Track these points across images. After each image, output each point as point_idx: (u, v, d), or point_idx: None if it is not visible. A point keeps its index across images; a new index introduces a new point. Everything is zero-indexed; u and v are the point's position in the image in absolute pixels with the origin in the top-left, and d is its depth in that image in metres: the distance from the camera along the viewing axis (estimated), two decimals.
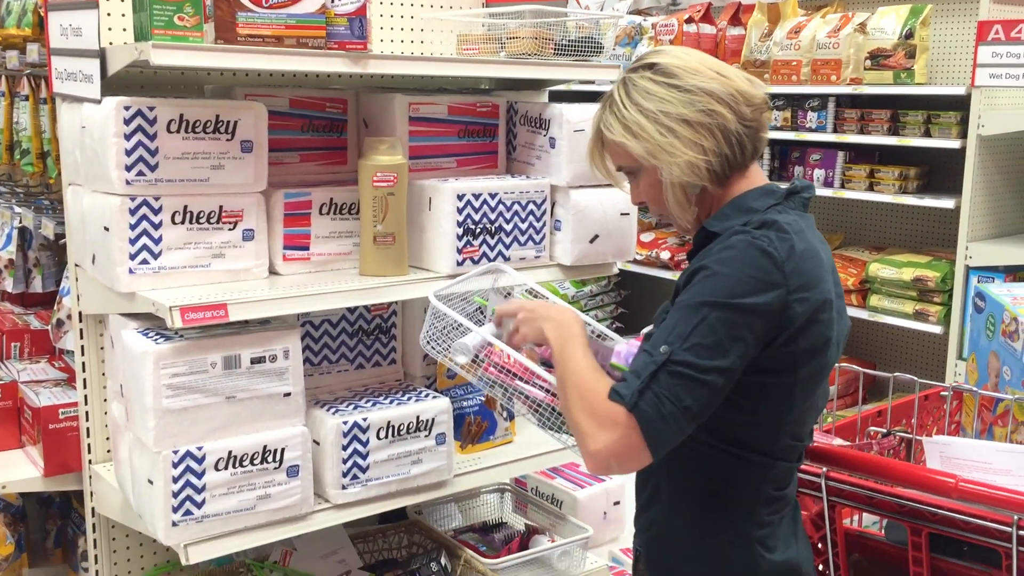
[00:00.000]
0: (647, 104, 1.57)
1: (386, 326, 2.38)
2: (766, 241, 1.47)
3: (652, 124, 1.56)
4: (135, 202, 1.90)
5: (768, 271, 1.45)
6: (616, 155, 1.65)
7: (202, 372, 1.89)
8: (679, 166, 1.55)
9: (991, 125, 3.85)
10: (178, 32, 1.79)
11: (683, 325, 1.44)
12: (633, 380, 1.44)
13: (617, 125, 1.60)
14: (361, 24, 1.96)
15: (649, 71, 1.59)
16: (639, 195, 1.67)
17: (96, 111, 1.91)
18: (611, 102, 1.63)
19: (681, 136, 1.55)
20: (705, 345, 1.42)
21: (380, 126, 2.27)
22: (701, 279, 1.47)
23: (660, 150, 1.56)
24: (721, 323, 1.42)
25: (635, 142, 1.58)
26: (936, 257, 4.26)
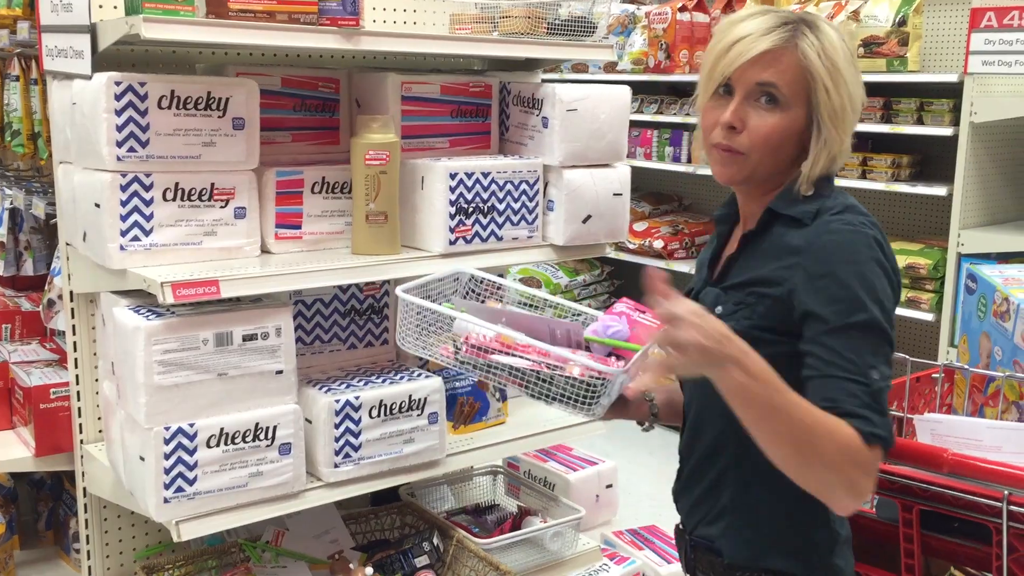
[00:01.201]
0: (852, 69, 1.49)
1: (378, 306, 2.38)
2: (869, 228, 1.46)
3: (848, 89, 1.49)
4: (126, 178, 1.90)
5: (883, 261, 1.45)
6: (784, 74, 1.48)
7: (194, 349, 1.88)
8: (840, 144, 1.50)
9: (984, 112, 3.85)
10: (169, 6, 1.78)
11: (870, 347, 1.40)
12: (878, 418, 1.37)
13: (823, 55, 1.47)
14: (354, 1, 1.95)
15: (846, 44, 1.51)
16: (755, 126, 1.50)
17: (87, 87, 1.90)
18: (815, 31, 1.49)
19: (853, 121, 1.51)
20: (887, 355, 1.43)
21: (373, 105, 2.27)
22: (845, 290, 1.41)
23: (839, 117, 1.49)
24: (887, 332, 1.42)
25: (830, 86, 1.47)
26: (928, 245, 4.27)
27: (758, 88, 1.49)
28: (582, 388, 1.55)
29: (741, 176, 1.54)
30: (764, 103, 1.49)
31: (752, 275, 1.51)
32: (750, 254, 1.55)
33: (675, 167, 5.10)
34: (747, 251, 1.56)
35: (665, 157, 5.15)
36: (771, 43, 1.48)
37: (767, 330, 1.48)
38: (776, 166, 1.53)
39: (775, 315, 1.47)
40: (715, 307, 1.53)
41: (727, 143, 1.52)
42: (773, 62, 1.48)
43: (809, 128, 1.50)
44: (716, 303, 1.54)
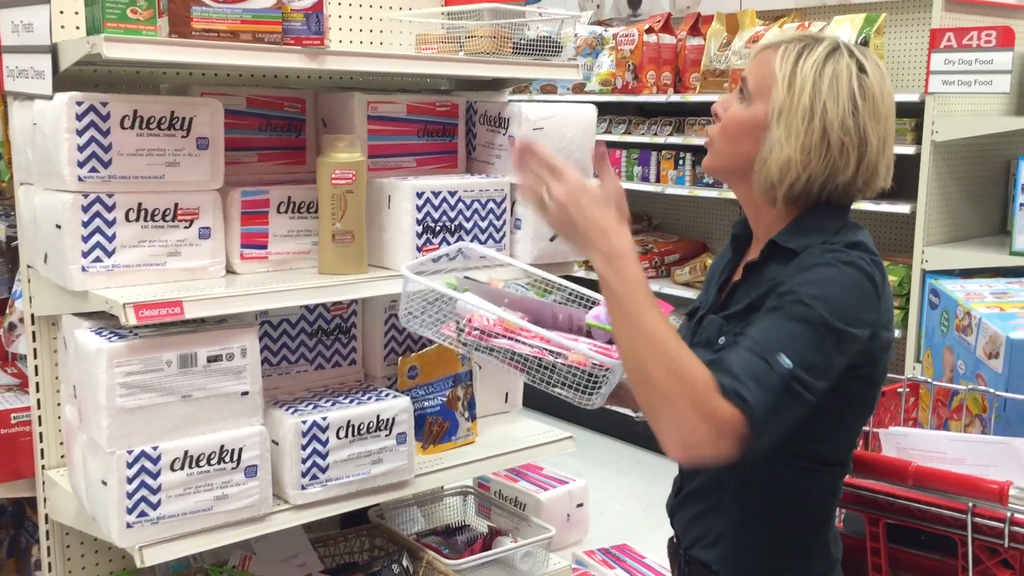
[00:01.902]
0: (825, 86, 1.46)
1: (346, 326, 2.37)
2: (865, 263, 1.43)
3: (809, 100, 1.45)
4: (88, 199, 1.88)
5: (870, 298, 1.41)
6: (755, 71, 1.53)
7: (157, 370, 1.86)
8: (782, 151, 1.46)
9: (945, 131, 3.91)
10: (131, 25, 1.77)
11: (801, 339, 1.33)
12: (759, 388, 1.29)
13: (790, 63, 1.48)
14: (318, 20, 1.95)
15: (856, 69, 1.48)
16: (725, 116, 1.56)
17: (48, 107, 1.89)
18: (810, 46, 1.50)
19: (809, 134, 1.45)
20: (818, 366, 1.34)
21: (339, 125, 2.27)
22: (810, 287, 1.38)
23: (786, 123, 1.46)
24: (831, 346, 1.35)
25: (783, 89, 1.47)
26: (893, 261, 4.31)
27: (741, 82, 1.56)
28: (583, 377, 1.55)
29: (709, 165, 1.60)
30: (739, 96, 1.55)
31: (749, 303, 1.51)
32: (751, 283, 1.55)
33: (644, 187, 5.13)
34: (749, 280, 1.56)
35: (634, 177, 5.18)
36: (766, 42, 1.55)
37: None
38: (734, 161, 1.55)
39: None
40: (718, 337, 1.52)
41: (709, 131, 1.60)
42: (758, 61, 1.54)
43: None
44: (719, 333, 1.53)
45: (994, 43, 3.71)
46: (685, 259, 5.16)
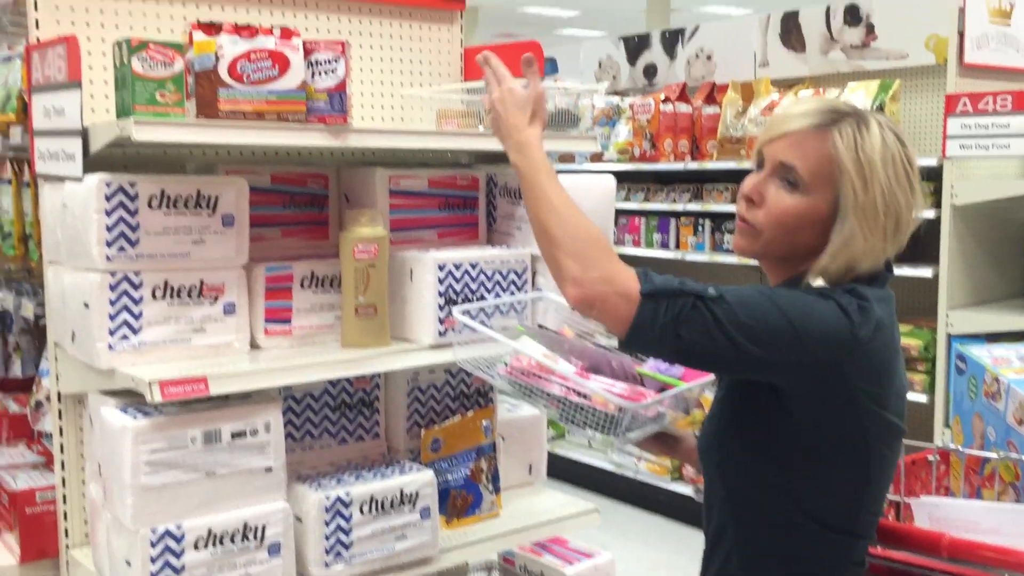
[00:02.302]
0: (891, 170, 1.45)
1: (369, 399, 2.37)
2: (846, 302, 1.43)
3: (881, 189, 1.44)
4: (115, 278, 1.90)
5: (838, 329, 1.40)
6: (805, 158, 1.48)
7: (182, 448, 1.86)
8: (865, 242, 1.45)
9: (964, 195, 3.92)
10: (160, 108, 1.82)
11: (743, 294, 1.40)
12: (665, 279, 1.42)
13: (853, 148, 1.45)
14: (341, 99, 1.99)
15: (900, 145, 1.48)
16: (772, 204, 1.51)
17: (78, 189, 1.93)
18: (859, 125, 1.47)
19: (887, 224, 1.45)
20: (744, 322, 1.37)
21: (361, 200, 2.30)
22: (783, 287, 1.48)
23: (864, 213, 1.45)
24: (773, 322, 1.38)
25: (856, 179, 1.44)
26: (918, 325, 4.28)
27: (780, 167, 1.50)
28: (601, 417, 1.65)
29: (752, 251, 1.55)
30: (785, 183, 1.50)
31: None
32: None
33: (664, 253, 5.14)
34: None
35: (654, 244, 5.20)
36: (802, 125, 1.49)
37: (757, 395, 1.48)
38: (792, 249, 1.52)
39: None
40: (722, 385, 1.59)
41: (746, 214, 1.54)
42: (800, 144, 1.48)
43: (834, 218, 1.48)
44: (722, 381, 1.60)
45: (1010, 107, 3.73)
46: None
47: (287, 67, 1.94)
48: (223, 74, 1.88)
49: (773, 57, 5.02)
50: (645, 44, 5.83)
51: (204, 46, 1.87)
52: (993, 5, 4.07)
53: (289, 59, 1.94)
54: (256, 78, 1.91)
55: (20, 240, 2.79)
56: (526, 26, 19.77)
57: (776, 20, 4.99)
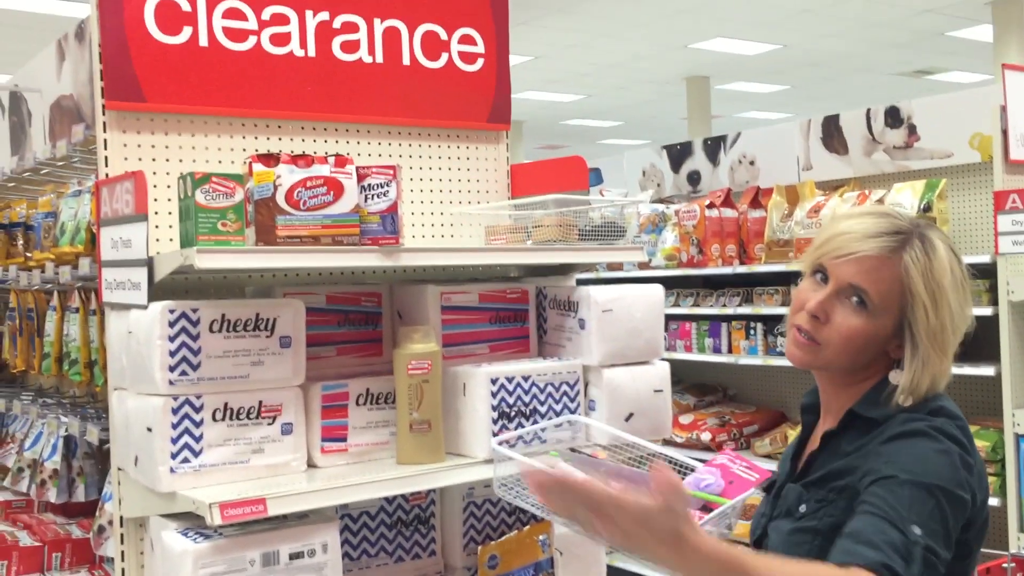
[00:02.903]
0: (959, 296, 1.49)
1: (425, 516, 2.36)
2: (952, 428, 1.45)
3: (954, 313, 1.48)
4: (178, 402, 1.95)
5: (966, 463, 1.43)
6: (878, 282, 1.50)
7: (240, 570, 1.87)
8: (929, 364, 1.48)
9: (1020, 291, 3.86)
10: (221, 237, 1.89)
11: (920, 506, 1.36)
12: (902, 563, 1.31)
13: (928, 274, 1.48)
14: (393, 220, 2.06)
15: (956, 259, 1.52)
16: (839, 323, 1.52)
17: (143, 316, 1.99)
18: (926, 247, 1.50)
19: (955, 342, 1.50)
20: (941, 534, 1.37)
21: (414, 316, 2.34)
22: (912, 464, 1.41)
23: (937, 339, 1.48)
24: (948, 512, 1.38)
25: (929, 306, 1.47)
26: (984, 426, 4.16)
27: (850, 288, 1.51)
28: None
29: (813, 364, 1.57)
30: (854, 303, 1.51)
31: (829, 471, 1.52)
32: (831, 452, 1.55)
33: (716, 358, 5.11)
34: (828, 449, 1.56)
35: (705, 349, 5.17)
36: (873, 249, 1.50)
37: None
38: (853, 365, 1.55)
39: (854, 506, 1.44)
40: (798, 505, 1.53)
41: (809, 329, 1.54)
42: (871, 268, 1.50)
43: (897, 335, 1.51)
44: (799, 501, 1.53)
45: None
46: (764, 430, 5.05)
47: (341, 193, 2.02)
48: (281, 202, 1.96)
49: (816, 160, 5.07)
50: (688, 151, 5.93)
51: (263, 176, 1.95)
52: None
53: (343, 185, 2.02)
54: (312, 204, 1.98)
55: (86, 366, 2.88)
56: (569, 137, 20.23)
57: (817, 124, 5.06)
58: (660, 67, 14.26)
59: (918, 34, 12.72)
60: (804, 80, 15.46)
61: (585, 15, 11.43)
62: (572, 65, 14.01)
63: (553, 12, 11.22)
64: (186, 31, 2.25)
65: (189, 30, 2.26)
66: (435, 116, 2.62)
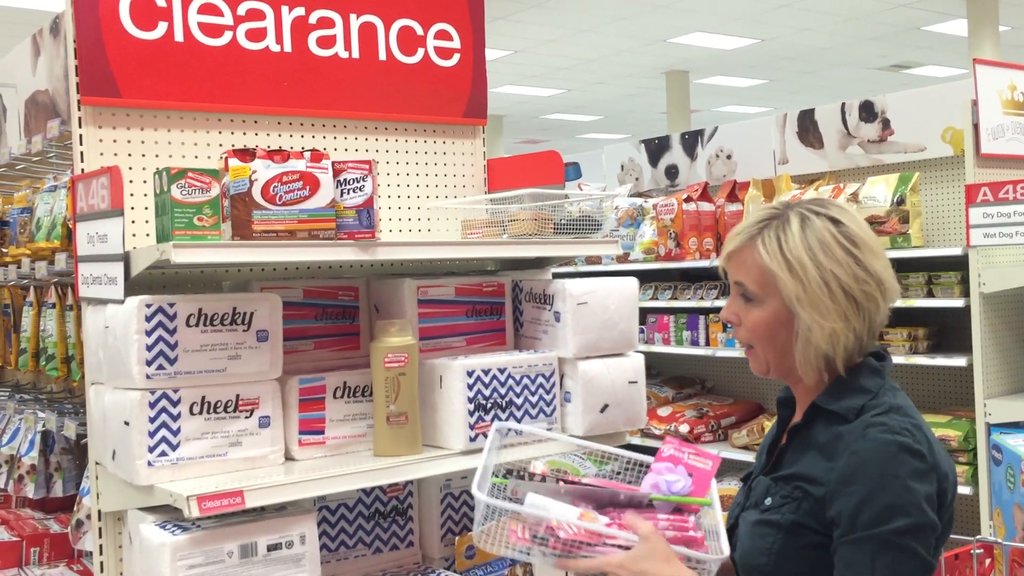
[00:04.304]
0: (821, 256, 1.52)
1: (402, 507, 2.38)
2: (908, 436, 1.48)
3: (817, 275, 1.51)
4: (155, 395, 1.96)
5: (922, 472, 1.46)
6: (748, 273, 1.59)
7: (219, 562, 1.88)
8: (823, 329, 1.52)
9: (991, 283, 3.92)
10: (198, 232, 1.90)
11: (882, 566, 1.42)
12: None
13: (776, 251, 1.54)
14: (369, 215, 2.07)
15: (833, 226, 1.55)
16: (746, 321, 1.61)
17: (119, 311, 2.00)
18: (781, 226, 1.56)
19: (838, 303, 1.52)
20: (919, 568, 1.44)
21: (390, 310, 2.36)
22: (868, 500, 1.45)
23: (811, 304, 1.52)
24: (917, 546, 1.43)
25: (788, 278, 1.53)
26: (956, 416, 4.22)
27: (736, 285, 1.62)
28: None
29: (760, 368, 1.64)
30: (745, 299, 1.61)
31: (798, 470, 1.57)
32: (797, 446, 1.61)
33: (694, 351, 5.15)
34: (795, 443, 1.62)
35: (683, 341, 5.21)
36: (736, 243, 1.61)
37: (809, 525, 1.52)
38: (784, 356, 1.59)
39: (817, 513, 1.52)
40: (764, 498, 1.59)
41: (738, 338, 1.65)
42: (740, 261, 1.60)
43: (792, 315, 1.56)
44: (766, 494, 1.60)
45: None
46: (741, 421, 5.10)
47: (317, 187, 2.03)
48: (257, 196, 1.97)
49: (792, 154, 5.11)
50: (666, 146, 5.96)
51: (239, 171, 1.96)
52: (1006, 97, 4.15)
53: (319, 180, 2.03)
54: (288, 199, 2.00)
55: (63, 362, 2.87)
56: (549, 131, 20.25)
57: (793, 118, 5.10)
58: (639, 61, 14.30)
59: (894, 28, 12.82)
60: (782, 74, 15.55)
61: (564, 10, 11.46)
62: (551, 60, 14.03)
63: (532, 7, 11.24)
64: (161, 26, 2.26)
65: (164, 25, 2.26)
66: (411, 111, 2.64)
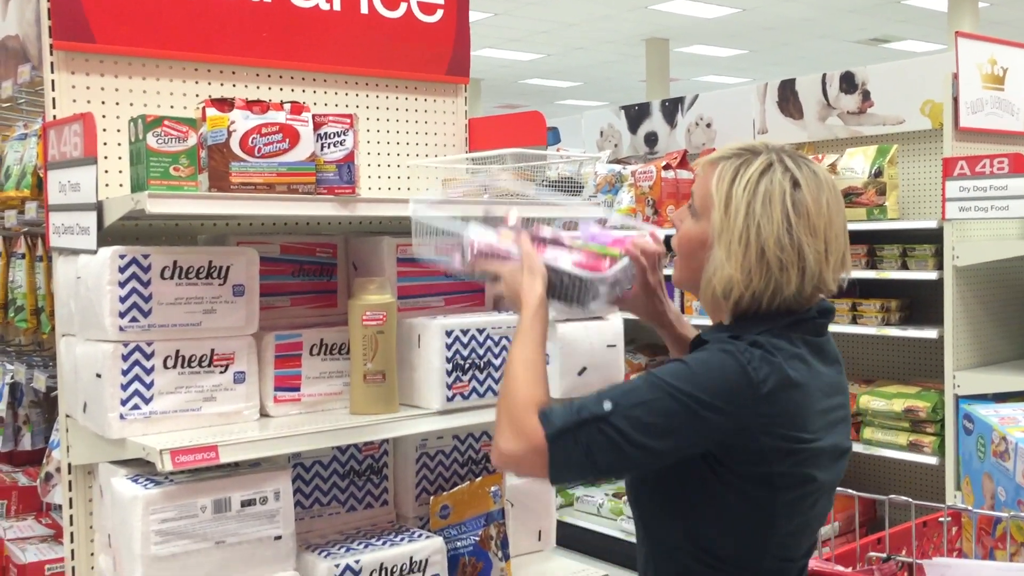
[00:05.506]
0: (758, 206, 1.50)
1: (377, 466, 2.37)
2: (747, 358, 1.47)
3: (744, 221, 1.50)
4: (128, 348, 1.93)
5: (736, 388, 1.45)
6: (699, 188, 1.61)
7: (192, 516, 1.87)
8: (722, 271, 1.52)
9: (965, 256, 3.95)
10: (174, 182, 1.87)
11: (636, 394, 1.47)
12: (565, 413, 1.49)
13: (726, 183, 1.54)
14: (349, 170, 2.04)
15: (791, 186, 1.52)
16: (680, 229, 1.66)
17: (92, 261, 1.96)
18: (746, 162, 1.54)
19: (747, 255, 1.50)
20: (645, 422, 1.44)
21: (369, 268, 2.33)
22: (675, 364, 1.51)
23: (724, 244, 1.52)
24: (671, 411, 1.44)
25: (721, 211, 1.53)
26: (925, 387, 4.28)
27: (688, 197, 1.67)
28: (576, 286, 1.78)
29: (677, 278, 1.69)
30: (690, 212, 1.64)
31: None
32: None
33: None
34: None
35: None
36: (707, 159, 1.63)
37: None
38: (694, 276, 1.63)
39: None
40: None
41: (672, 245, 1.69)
42: (700, 176, 1.63)
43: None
44: None
45: (1007, 169, 3.79)
46: None
47: (297, 140, 1.99)
48: (235, 148, 1.93)
49: (772, 124, 5.12)
50: (646, 113, 5.94)
51: (217, 121, 1.92)
52: (986, 71, 4.16)
53: (299, 132, 1.99)
54: (267, 151, 1.96)
55: (32, 313, 2.83)
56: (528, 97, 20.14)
57: (774, 88, 5.10)
58: (619, 27, 14.22)
59: (874, 1, 12.82)
60: (762, 45, 15.53)
61: None
62: (532, 24, 13.91)
63: None
64: None
65: None
66: (392, 67, 2.60)
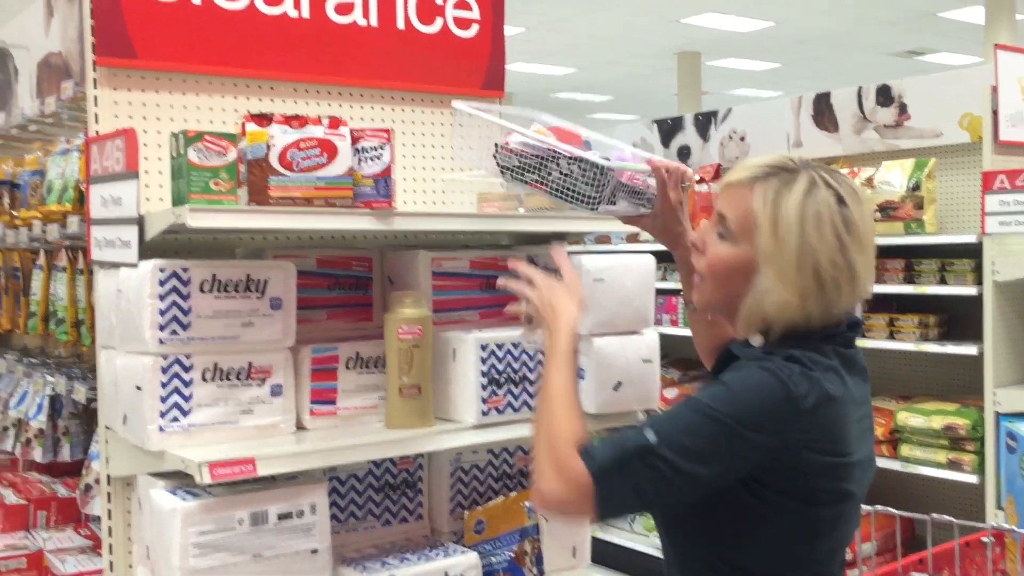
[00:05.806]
0: (810, 228, 1.45)
1: (412, 480, 2.37)
2: (787, 374, 1.43)
3: (797, 243, 1.45)
4: (167, 360, 1.95)
5: (778, 405, 1.41)
6: (735, 210, 1.53)
7: (229, 530, 1.87)
8: (777, 296, 1.47)
9: (1006, 271, 3.89)
10: (214, 196, 1.88)
11: (679, 421, 1.43)
12: (608, 449, 1.43)
13: (771, 203, 1.47)
14: (387, 184, 2.05)
15: (836, 203, 1.47)
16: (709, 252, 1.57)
17: (132, 274, 1.98)
18: (788, 180, 1.49)
19: (804, 280, 1.46)
20: (691, 449, 1.40)
21: (405, 282, 2.34)
22: (716, 386, 1.47)
23: (778, 268, 1.46)
24: (716, 435, 1.41)
25: (769, 234, 1.47)
26: (964, 404, 4.21)
27: (718, 216, 1.57)
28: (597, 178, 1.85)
29: (700, 301, 1.61)
30: (719, 233, 1.56)
31: None
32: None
33: None
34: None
35: None
36: (740, 177, 1.55)
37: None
38: (727, 300, 1.56)
39: None
40: None
41: (694, 263, 1.63)
42: (733, 195, 1.55)
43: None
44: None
45: None
46: None
47: (335, 154, 2.00)
48: (274, 162, 1.95)
49: (806, 137, 5.08)
50: (679, 126, 5.92)
51: (256, 136, 1.94)
52: None
53: (337, 147, 2.01)
54: (305, 165, 1.97)
55: (72, 326, 2.86)
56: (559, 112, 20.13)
57: (808, 101, 5.06)
58: (651, 41, 14.21)
59: (910, 13, 12.71)
60: (794, 58, 15.44)
61: None
62: (563, 38, 13.94)
63: None
64: None
65: None
66: (429, 81, 2.61)
